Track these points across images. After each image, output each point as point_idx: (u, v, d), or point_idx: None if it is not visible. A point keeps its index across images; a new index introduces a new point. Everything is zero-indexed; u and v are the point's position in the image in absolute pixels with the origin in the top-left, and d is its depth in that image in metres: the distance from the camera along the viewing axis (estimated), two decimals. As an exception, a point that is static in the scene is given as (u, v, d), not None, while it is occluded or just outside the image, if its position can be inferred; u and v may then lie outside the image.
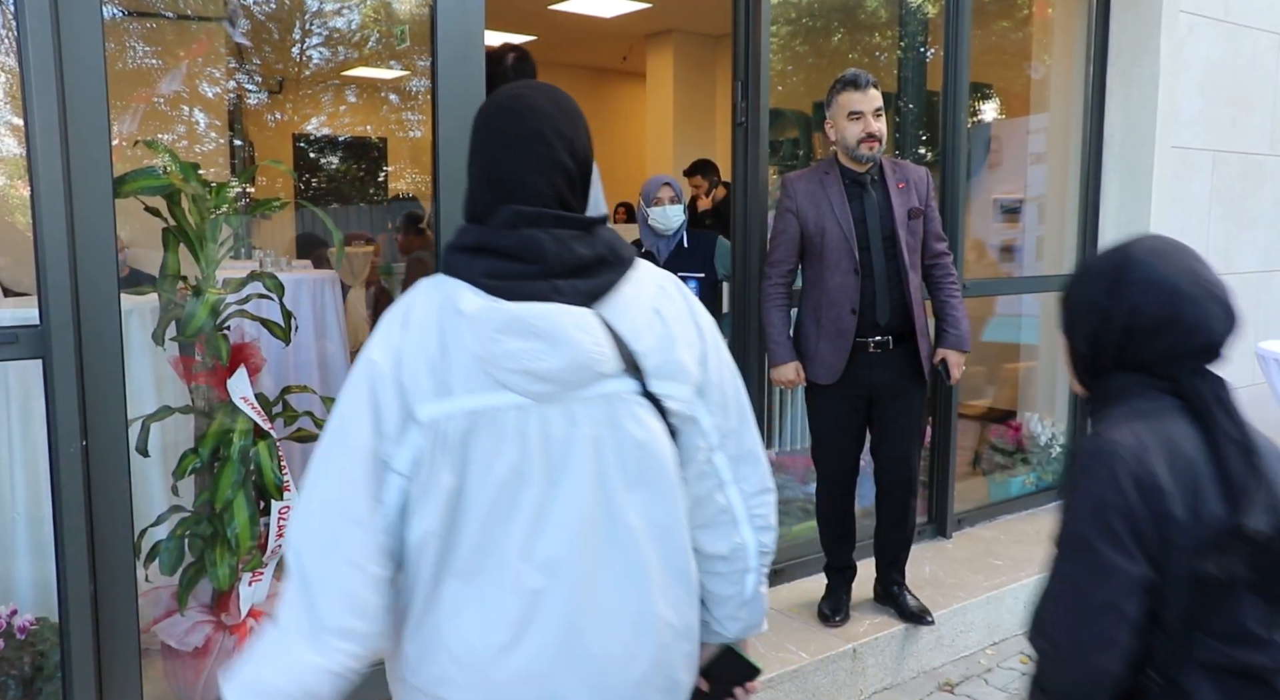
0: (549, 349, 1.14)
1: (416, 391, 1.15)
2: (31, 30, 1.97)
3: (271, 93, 8.79)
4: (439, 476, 1.16)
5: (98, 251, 2.08)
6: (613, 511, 1.18)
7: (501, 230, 1.18)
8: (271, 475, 2.46)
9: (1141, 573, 1.15)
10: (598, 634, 1.18)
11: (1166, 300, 1.24)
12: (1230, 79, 4.54)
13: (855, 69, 2.91)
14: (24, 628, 2.28)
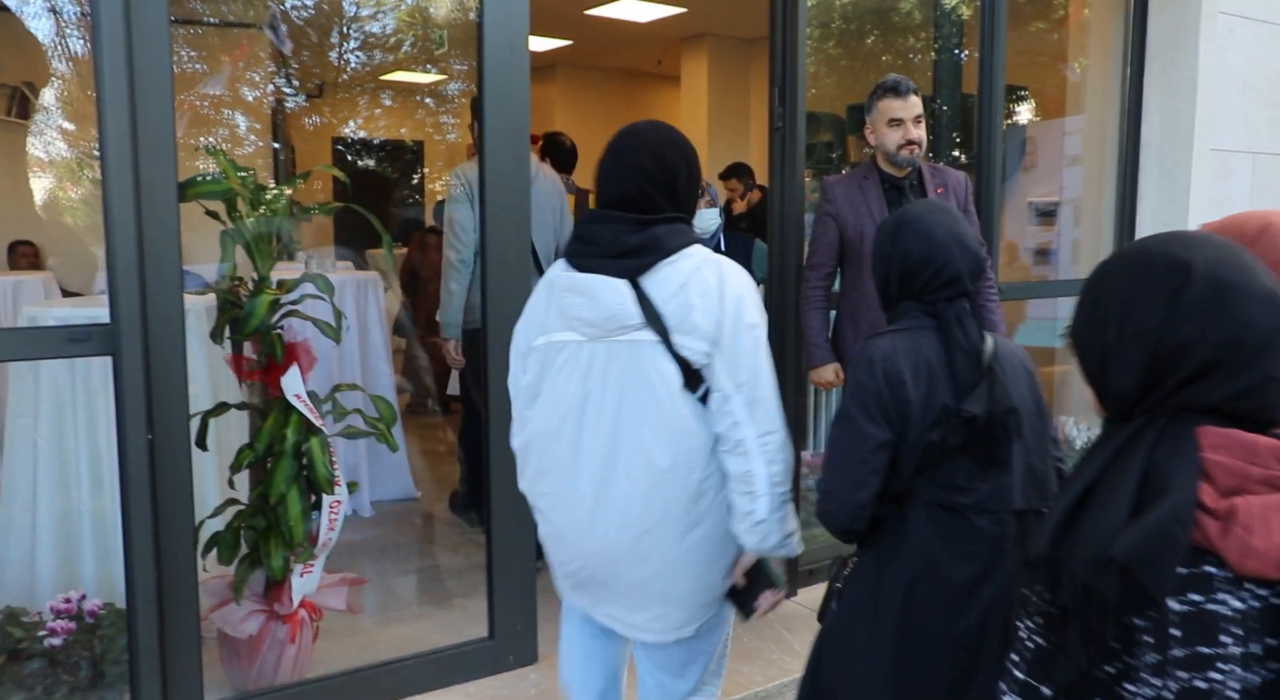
0: (588, 303, 1.69)
1: (529, 333, 1.80)
2: (107, 45, 2.07)
3: (311, 96, 8.96)
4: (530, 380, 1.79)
5: (164, 253, 2.19)
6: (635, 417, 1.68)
7: (581, 225, 1.77)
8: (323, 470, 2.55)
9: (886, 437, 1.61)
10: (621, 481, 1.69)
11: (925, 246, 1.68)
12: (1271, 80, 4.52)
13: (895, 75, 2.94)
14: (93, 612, 2.39)
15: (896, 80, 2.91)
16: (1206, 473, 0.99)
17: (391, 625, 3.17)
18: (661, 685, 1.90)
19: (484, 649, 2.80)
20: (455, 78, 9.03)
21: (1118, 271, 1.10)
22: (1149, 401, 1.05)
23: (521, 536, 2.81)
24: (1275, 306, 1.02)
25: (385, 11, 7.65)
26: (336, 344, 2.77)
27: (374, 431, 2.72)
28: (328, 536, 2.63)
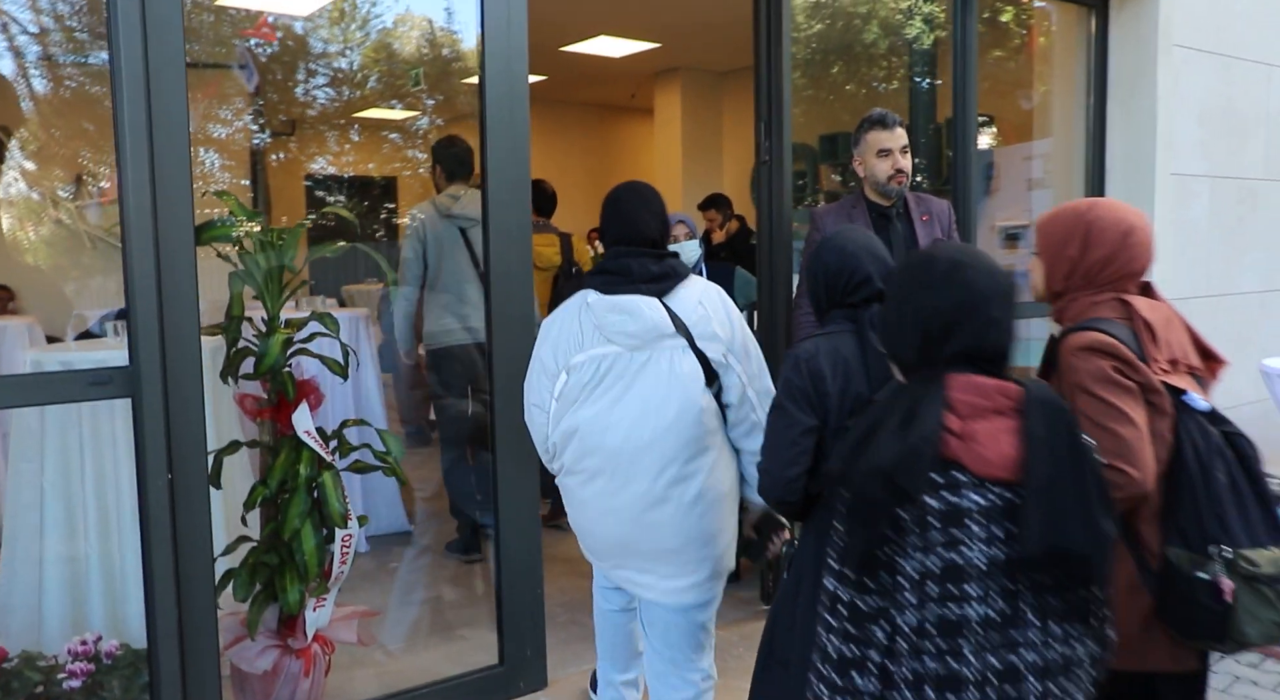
0: (631, 319, 2.11)
1: (567, 352, 2.16)
2: (127, 91, 2.14)
3: (282, 134, 9.01)
4: (573, 386, 2.16)
5: (182, 297, 2.24)
6: (655, 400, 2.09)
7: (610, 261, 2.19)
8: (336, 505, 2.59)
9: (812, 423, 1.88)
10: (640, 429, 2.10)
11: (839, 256, 2.00)
12: (1225, 108, 4.73)
13: (881, 109, 3.07)
14: (110, 653, 2.41)
15: (883, 114, 3.04)
16: (951, 406, 1.38)
17: (400, 656, 3.20)
18: (665, 672, 2.27)
19: (495, 676, 2.84)
20: (429, 114, 9.13)
21: (900, 275, 1.55)
22: (923, 363, 1.46)
23: (530, 565, 2.87)
24: (990, 274, 1.44)
25: (353, 49, 7.74)
26: (344, 381, 2.82)
27: (383, 466, 2.77)
28: (340, 570, 2.67)
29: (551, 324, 2.24)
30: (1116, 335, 1.70)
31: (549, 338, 2.22)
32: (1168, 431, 1.69)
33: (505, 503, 2.84)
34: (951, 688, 1.33)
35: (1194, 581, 1.59)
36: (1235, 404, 4.94)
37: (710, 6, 6.29)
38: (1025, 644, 1.35)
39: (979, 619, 1.34)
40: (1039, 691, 1.35)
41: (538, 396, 2.23)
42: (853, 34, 6.13)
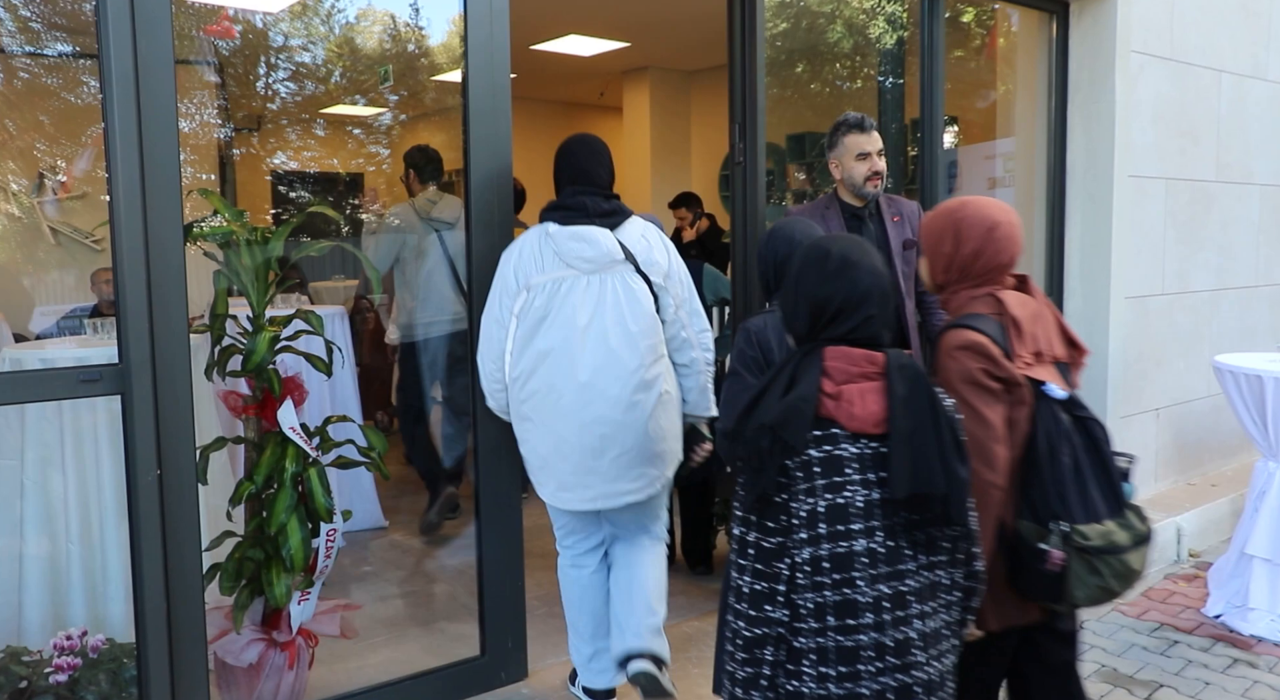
0: (589, 246, 2.53)
1: (526, 275, 2.55)
2: (117, 88, 2.16)
3: (250, 130, 8.94)
4: (536, 307, 2.53)
5: (171, 296, 2.27)
6: (617, 316, 2.51)
7: (567, 197, 2.61)
8: (322, 499, 2.63)
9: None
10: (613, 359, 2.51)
11: (788, 247, 2.37)
12: (1178, 112, 4.89)
13: (857, 113, 3.15)
14: (95, 647, 2.42)
15: (860, 117, 3.12)
16: (827, 373, 1.62)
17: (382, 649, 3.24)
18: (637, 536, 2.73)
19: (477, 667, 2.89)
20: (396, 110, 9.10)
21: (799, 263, 1.75)
22: (810, 339, 1.69)
23: (510, 557, 2.92)
24: (873, 274, 1.68)
25: (315, 43, 7.71)
26: (328, 377, 2.86)
27: (367, 461, 2.81)
28: (325, 564, 2.70)
29: (513, 250, 2.62)
30: (987, 331, 1.88)
31: (510, 261, 2.59)
32: (1026, 420, 1.89)
33: (485, 496, 2.89)
34: (849, 613, 1.57)
35: (1036, 551, 1.82)
36: (1189, 399, 5.13)
37: (680, 6, 6.36)
38: (908, 573, 1.60)
39: (864, 552, 1.58)
40: (919, 612, 1.61)
41: (498, 312, 2.57)
42: (817, 34, 6.23)
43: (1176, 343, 5.02)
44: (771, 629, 1.59)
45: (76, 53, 5.78)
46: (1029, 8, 4.67)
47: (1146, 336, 4.84)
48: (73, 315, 5.00)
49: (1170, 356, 4.98)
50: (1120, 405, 4.67)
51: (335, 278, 7.79)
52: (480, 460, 2.87)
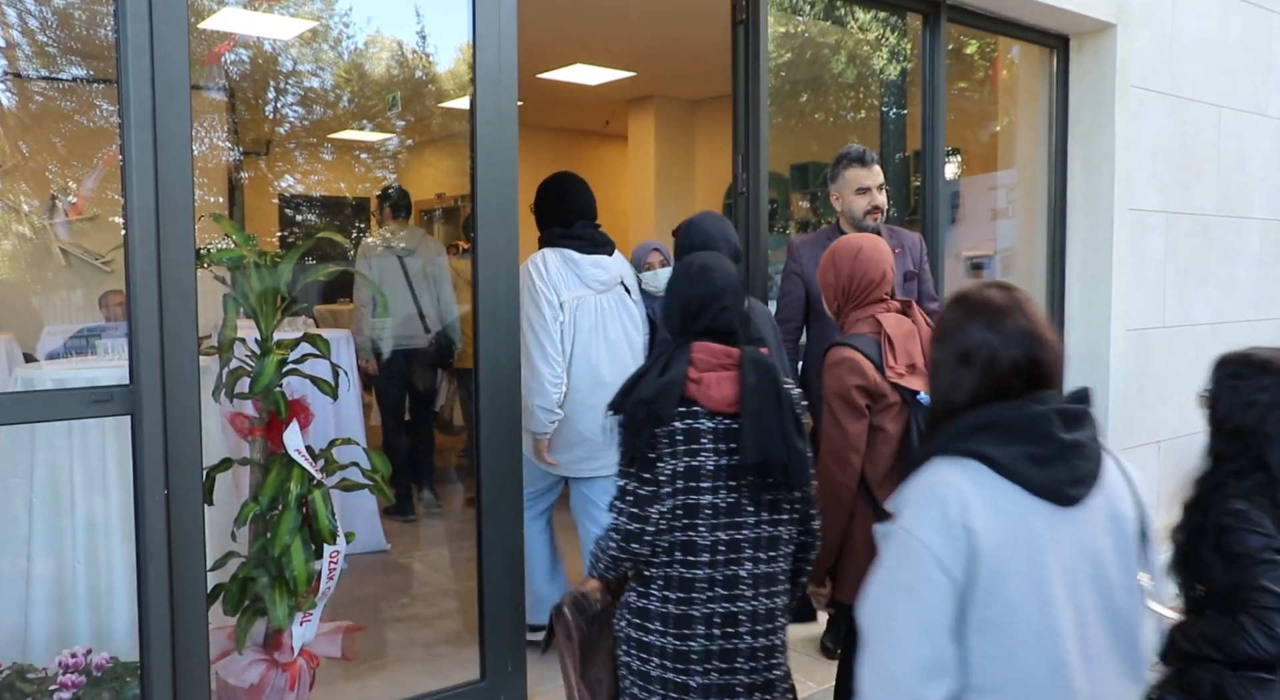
0: (604, 272, 3.25)
1: (559, 292, 3.17)
2: (134, 109, 2.21)
3: (258, 154, 9.03)
4: (563, 320, 3.18)
5: (182, 318, 2.30)
6: (620, 330, 3.24)
7: (580, 229, 3.25)
8: (326, 521, 2.65)
9: None
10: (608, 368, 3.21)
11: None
12: (1178, 147, 4.95)
13: (859, 146, 3.19)
14: (99, 666, 2.44)
15: (861, 151, 3.16)
16: (693, 363, 1.99)
17: (383, 671, 3.24)
18: (608, 491, 2.84)
19: (476, 690, 2.90)
20: (403, 135, 9.20)
21: (671, 275, 2.17)
22: (682, 334, 2.06)
23: (512, 582, 2.94)
24: (726, 276, 2.08)
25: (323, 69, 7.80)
26: (334, 401, 2.88)
27: (370, 484, 2.84)
28: (327, 586, 2.72)
29: (540, 270, 3.17)
30: (861, 348, 2.27)
31: (544, 279, 3.16)
32: (895, 424, 2.26)
33: (488, 521, 2.91)
34: (690, 552, 1.97)
35: None
36: (1191, 432, 5.13)
37: (685, 37, 6.44)
38: (744, 525, 1.99)
39: (708, 505, 1.97)
40: (752, 557, 2.00)
41: (547, 323, 3.13)
42: (821, 65, 6.30)
43: (1177, 376, 5.04)
44: (634, 559, 2.01)
45: (90, 77, 5.86)
46: (1030, 43, 4.74)
47: (1147, 369, 4.86)
48: (80, 335, 5.03)
49: (1171, 389, 5.00)
50: (1122, 437, 4.69)
51: (340, 301, 7.84)
52: (483, 487, 2.90)
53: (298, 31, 7.00)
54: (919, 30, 4.26)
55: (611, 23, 6.14)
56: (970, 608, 1.35)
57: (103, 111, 5.88)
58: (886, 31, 5.05)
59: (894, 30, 4.93)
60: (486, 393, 2.88)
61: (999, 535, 1.36)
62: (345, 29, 7.55)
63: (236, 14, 5.86)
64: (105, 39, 5.57)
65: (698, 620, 1.98)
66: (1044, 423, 1.39)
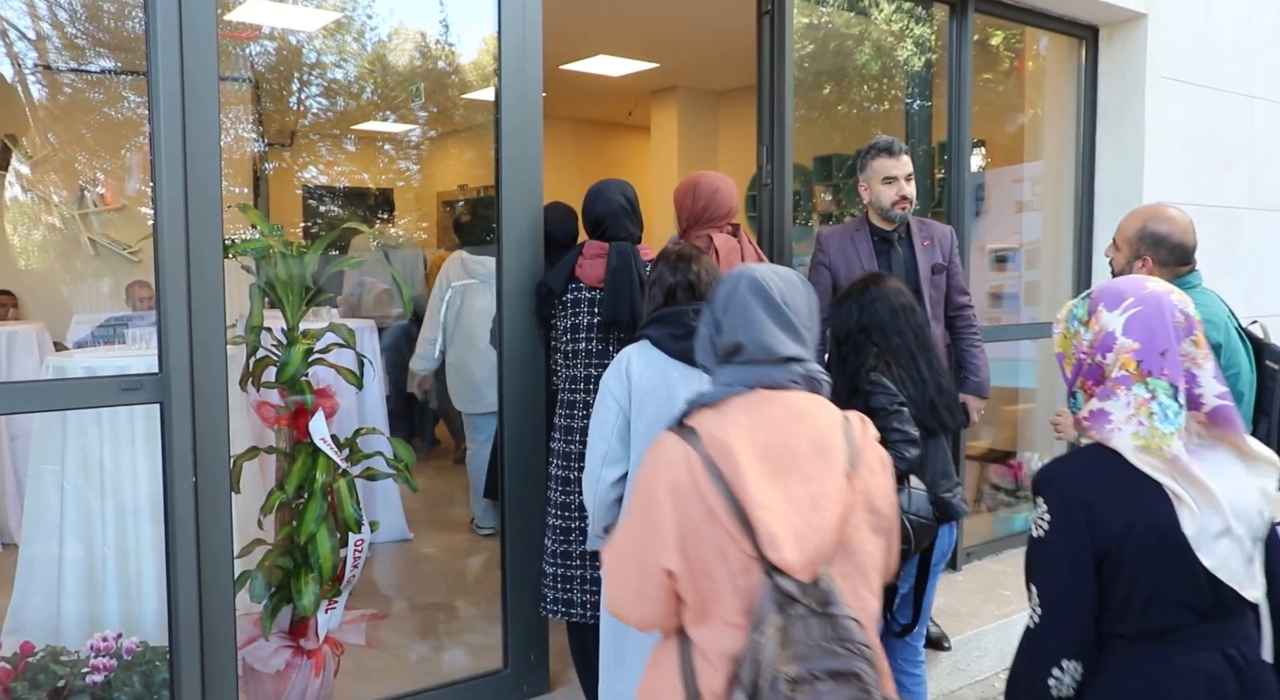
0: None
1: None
2: (164, 105, 2.23)
3: (283, 145, 9.08)
4: None
5: (210, 308, 2.33)
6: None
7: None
8: (351, 510, 2.67)
9: None
10: None
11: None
12: (1209, 139, 4.88)
13: (888, 137, 3.17)
14: (130, 649, 2.48)
15: (890, 141, 3.14)
16: (582, 253, 2.72)
17: (406, 659, 3.27)
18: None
19: (499, 680, 2.92)
20: (426, 126, 9.23)
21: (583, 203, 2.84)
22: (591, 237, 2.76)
23: (534, 572, 2.95)
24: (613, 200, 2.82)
25: (352, 61, 7.83)
26: (359, 390, 2.91)
27: (394, 472, 2.86)
28: (352, 573, 2.74)
29: None
30: None
31: None
32: None
33: (511, 511, 2.92)
34: (573, 382, 2.71)
35: None
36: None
37: (709, 28, 6.42)
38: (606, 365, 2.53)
39: (583, 350, 2.73)
40: None
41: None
42: (845, 56, 6.26)
43: (1205, 369, 4.97)
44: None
45: (118, 69, 5.92)
46: (1058, 33, 4.69)
47: (1174, 362, 4.81)
48: (107, 324, 5.09)
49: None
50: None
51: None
52: (506, 478, 2.91)
53: (322, 23, 7.03)
54: (945, 21, 4.22)
55: (635, 14, 6.12)
56: (632, 420, 2.22)
57: (130, 103, 5.94)
58: (911, 22, 5.01)
59: (919, 21, 4.89)
60: (510, 385, 2.89)
61: (646, 379, 2.22)
62: (369, 20, 7.58)
63: (262, 5, 5.89)
64: (133, 31, 5.62)
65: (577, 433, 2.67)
66: (684, 316, 2.23)
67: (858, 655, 1.37)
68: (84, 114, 6.03)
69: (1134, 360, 1.51)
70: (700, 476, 1.42)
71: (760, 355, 1.52)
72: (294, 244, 2.72)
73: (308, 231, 9.21)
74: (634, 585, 1.46)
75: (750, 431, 1.45)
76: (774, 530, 1.37)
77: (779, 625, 1.35)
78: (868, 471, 1.49)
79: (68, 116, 6.03)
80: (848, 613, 1.38)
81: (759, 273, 1.59)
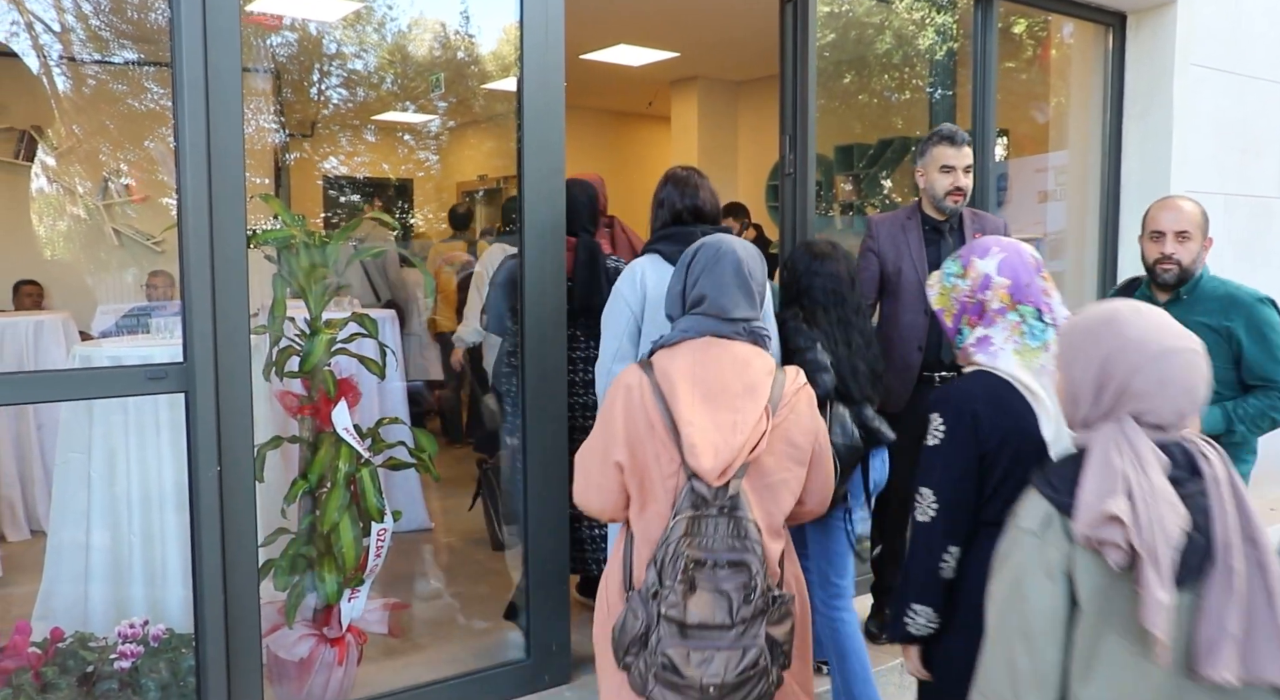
0: None
1: None
2: (188, 95, 2.23)
3: (303, 135, 9.12)
4: None
5: (234, 297, 2.33)
6: None
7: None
8: (374, 500, 2.68)
9: None
10: None
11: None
12: (1239, 126, 4.80)
13: (952, 126, 3.13)
14: (156, 636, 2.50)
15: (953, 130, 3.10)
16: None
17: (428, 649, 3.29)
18: None
19: (521, 669, 2.93)
20: (446, 117, 9.23)
21: None
22: None
23: (557, 562, 2.95)
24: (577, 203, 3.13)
25: (372, 51, 7.84)
26: (381, 379, 2.91)
27: (416, 462, 2.87)
28: (375, 563, 2.76)
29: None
30: None
31: None
32: None
33: (534, 501, 2.92)
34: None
35: None
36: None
37: (729, 18, 6.38)
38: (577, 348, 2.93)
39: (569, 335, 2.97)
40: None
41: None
42: (866, 44, 6.20)
43: (1233, 360, 4.91)
44: None
45: (142, 60, 5.95)
46: (1086, 20, 4.62)
47: (1202, 354, 4.75)
48: (131, 314, 5.13)
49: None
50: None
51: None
52: (529, 466, 2.91)
53: (343, 13, 7.04)
54: (968, 8, 4.17)
55: (656, 2, 6.09)
56: (641, 325, 2.47)
57: (154, 94, 5.97)
58: (933, 10, 4.96)
59: (941, 9, 4.84)
60: (533, 372, 2.89)
61: (655, 287, 2.44)
62: (389, 11, 7.58)
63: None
64: (157, 22, 5.65)
65: None
66: (690, 234, 2.35)
67: (751, 551, 1.72)
68: (108, 105, 6.07)
69: (1007, 293, 1.89)
70: (647, 397, 1.81)
71: (715, 312, 1.88)
72: (316, 234, 2.73)
73: (328, 222, 9.24)
74: (595, 479, 1.87)
75: (692, 367, 1.82)
76: (695, 442, 1.72)
77: (690, 517, 1.72)
78: (790, 412, 1.84)
79: (92, 108, 6.07)
80: (750, 517, 1.74)
81: (734, 246, 1.94)
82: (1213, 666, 1.31)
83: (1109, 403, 1.43)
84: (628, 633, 1.77)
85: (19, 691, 2.32)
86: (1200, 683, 1.34)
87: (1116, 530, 1.31)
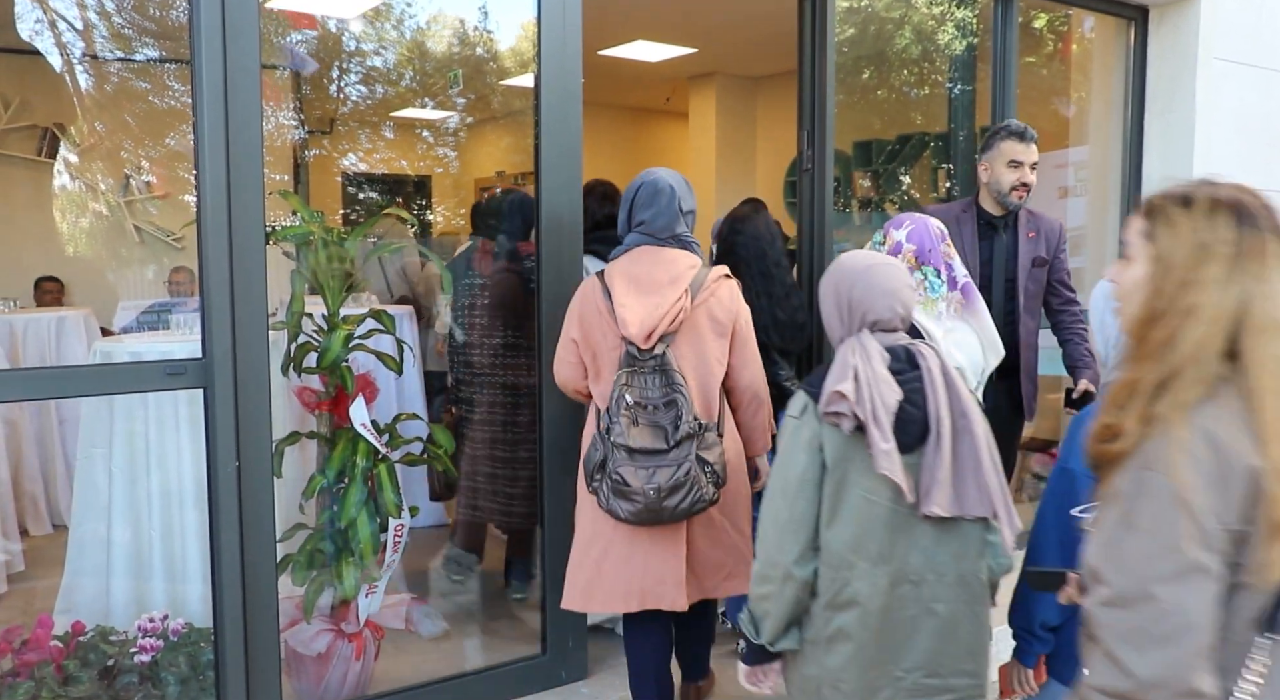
0: None
1: None
2: (207, 92, 2.25)
3: (322, 132, 9.15)
4: None
5: (253, 293, 2.34)
6: None
7: None
8: (391, 495, 2.69)
9: None
10: None
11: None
12: (1264, 121, 4.74)
13: (1020, 122, 3.13)
14: (176, 631, 2.52)
15: (1023, 127, 3.10)
16: None
17: (445, 644, 3.30)
18: None
19: (538, 665, 2.93)
20: (464, 113, 9.25)
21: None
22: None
23: (572, 558, 2.95)
24: None
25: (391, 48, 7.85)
26: (399, 375, 2.92)
27: (434, 459, 2.87)
28: (392, 558, 2.77)
29: None
30: None
31: None
32: None
33: (550, 497, 2.93)
34: None
35: None
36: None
37: (748, 13, 6.35)
38: None
39: None
40: None
41: None
42: (885, 40, 6.16)
43: (1256, 358, 4.85)
44: None
45: (162, 57, 5.99)
46: (1107, 14, 4.57)
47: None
48: (151, 310, 5.17)
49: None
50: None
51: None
52: (544, 462, 2.91)
53: (361, 10, 7.06)
54: (989, 4, 4.14)
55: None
56: None
57: (175, 92, 6.01)
58: (953, 6, 4.92)
59: (961, 4, 4.80)
60: (549, 373, 2.89)
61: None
62: (408, 8, 7.59)
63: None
64: (177, 20, 5.68)
65: None
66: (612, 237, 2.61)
67: (679, 392, 2.27)
68: (130, 102, 6.11)
69: (914, 256, 2.40)
70: (597, 291, 2.40)
71: (653, 230, 2.42)
72: (334, 230, 2.74)
73: (347, 218, 9.27)
74: (562, 354, 2.48)
75: (630, 267, 2.39)
76: (627, 317, 2.29)
77: (629, 371, 2.30)
78: (711, 296, 2.38)
79: (114, 105, 6.12)
80: (677, 370, 2.29)
81: (669, 179, 2.44)
82: (927, 505, 1.74)
83: (849, 318, 1.84)
84: (591, 461, 2.35)
85: (41, 684, 2.34)
86: (922, 519, 1.76)
87: (843, 403, 1.71)
